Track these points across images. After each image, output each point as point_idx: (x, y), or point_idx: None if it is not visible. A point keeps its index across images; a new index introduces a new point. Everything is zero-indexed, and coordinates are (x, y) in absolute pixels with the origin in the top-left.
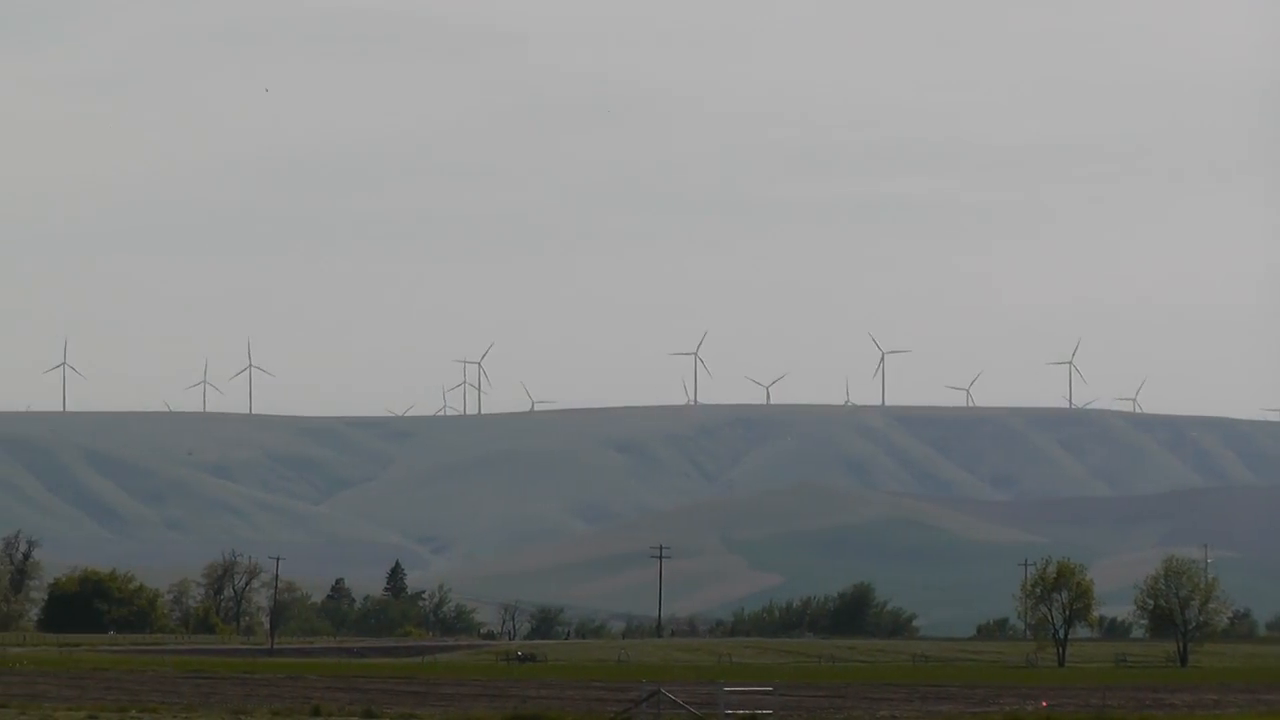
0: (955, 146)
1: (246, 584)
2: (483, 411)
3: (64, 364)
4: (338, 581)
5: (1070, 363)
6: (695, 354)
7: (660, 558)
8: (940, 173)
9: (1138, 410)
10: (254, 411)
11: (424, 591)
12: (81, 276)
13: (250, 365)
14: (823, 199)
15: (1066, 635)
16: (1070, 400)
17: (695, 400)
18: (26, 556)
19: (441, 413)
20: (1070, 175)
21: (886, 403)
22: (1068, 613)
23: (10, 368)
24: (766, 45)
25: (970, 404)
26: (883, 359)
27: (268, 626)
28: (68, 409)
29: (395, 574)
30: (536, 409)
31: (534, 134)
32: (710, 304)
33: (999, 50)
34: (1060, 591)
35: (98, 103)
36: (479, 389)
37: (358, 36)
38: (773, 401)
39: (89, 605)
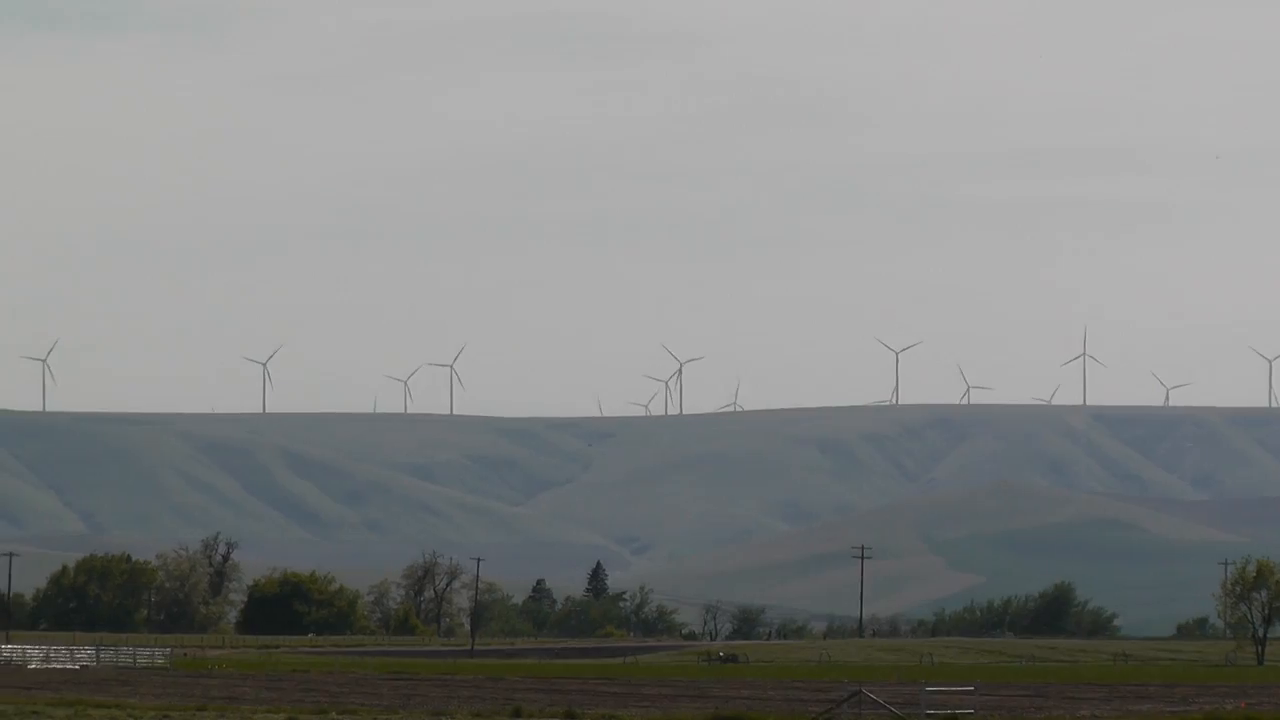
0: (1158, 147)
1: (447, 585)
2: (683, 412)
3: (264, 365)
4: (538, 582)
5: (1270, 361)
6: (897, 354)
7: (861, 558)
8: (1144, 172)
9: None
10: (454, 412)
11: (625, 592)
12: (283, 279)
13: (451, 366)
14: (1025, 199)
15: (1266, 634)
16: (1270, 399)
17: (896, 400)
18: (225, 558)
19: (642, 413)
20: (1269, 175)
21: (1087, 403)
22: (1267, 611)
23: (211, 371)
24: (975, 48)
25: (1169, 404)
26: (1081, 357)
27: (468, 627)
28: (267, 410)
29: (596, 575)
30: (737, 409)
31: (738, 135)
32: (914, 304)
33: (1194, 52)
34: (1260, 590)
35: (303, 102)
36: (680, 389)
37: (564, 37)
38: (973, 401)
39: (288, 607)
